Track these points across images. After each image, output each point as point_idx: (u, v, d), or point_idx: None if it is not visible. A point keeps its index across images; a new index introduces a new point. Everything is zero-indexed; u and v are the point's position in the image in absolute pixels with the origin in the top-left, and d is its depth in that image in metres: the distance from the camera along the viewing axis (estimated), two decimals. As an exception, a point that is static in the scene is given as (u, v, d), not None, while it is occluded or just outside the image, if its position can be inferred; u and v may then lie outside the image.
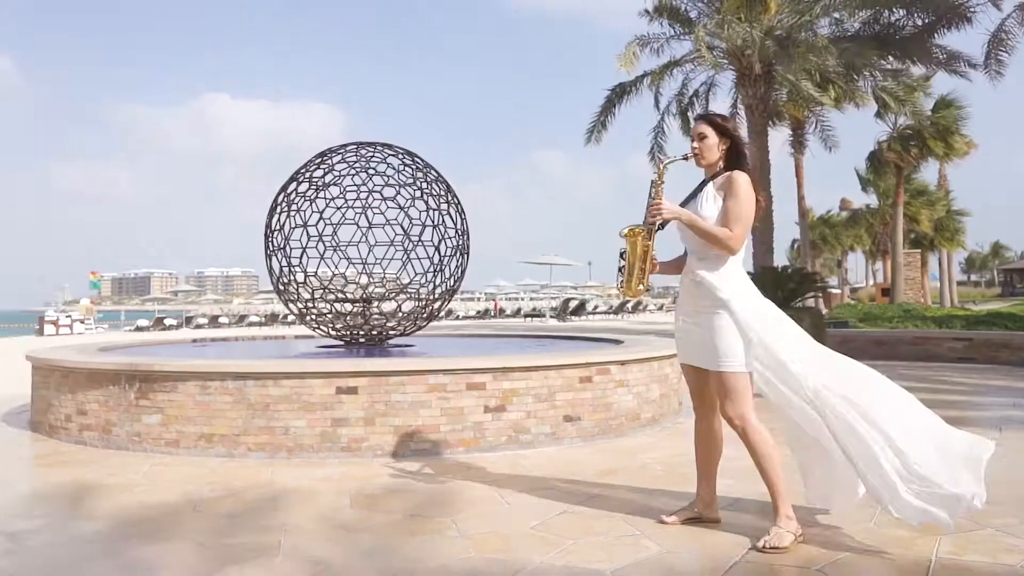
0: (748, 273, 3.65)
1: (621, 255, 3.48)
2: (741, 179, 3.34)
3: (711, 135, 3.46)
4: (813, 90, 15.66)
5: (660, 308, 45.97)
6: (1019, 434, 5.68)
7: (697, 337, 3.41)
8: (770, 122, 17.73)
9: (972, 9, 14.32)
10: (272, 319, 36.68)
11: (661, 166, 3.49)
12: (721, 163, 3.46)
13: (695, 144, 3.49)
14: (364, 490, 4.27)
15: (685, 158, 3.53)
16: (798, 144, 24.41)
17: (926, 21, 14.88)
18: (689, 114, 18.45)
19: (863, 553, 3.11)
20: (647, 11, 16.36)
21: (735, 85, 16.48)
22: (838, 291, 39.69)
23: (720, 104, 18.70)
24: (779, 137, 23.04)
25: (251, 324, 36.27)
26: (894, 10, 14.93)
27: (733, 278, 3.34)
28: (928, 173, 32.91)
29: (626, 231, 3.46)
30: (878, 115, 21.12)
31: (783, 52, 14.50)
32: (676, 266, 3.57)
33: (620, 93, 17.85)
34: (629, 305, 39.23)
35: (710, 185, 3.44)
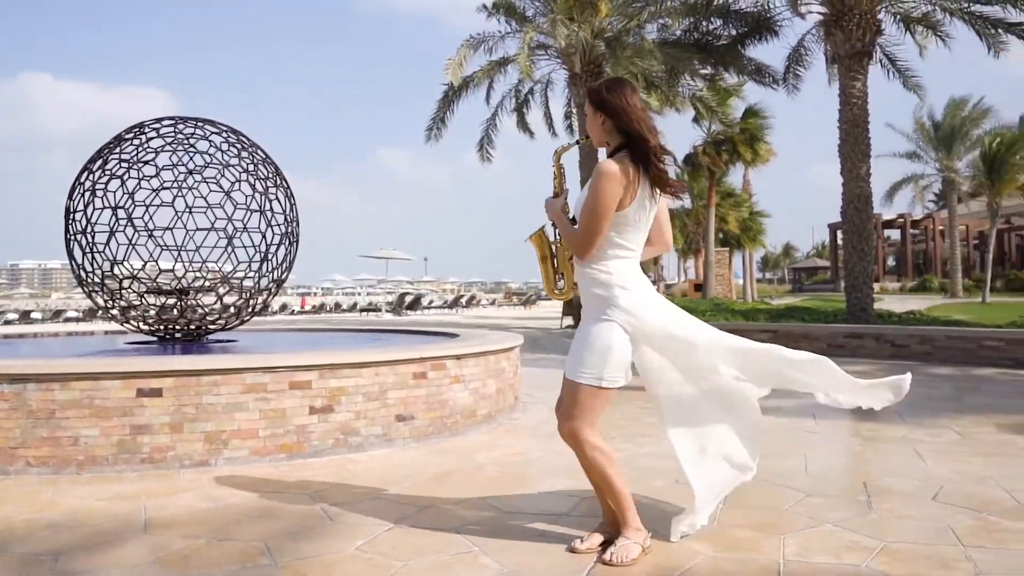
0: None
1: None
2: (599, 171, 2.76)
3: (589, 109, 2.93)
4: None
5: (493, 303, 46.10)
6: (833, 422, 5.79)
7: (574, 342, 2.95)
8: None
9: (779, 23, 15.14)
10: (91, 314, 33.31)
11: (555, 156, 3.06)
12: (618, 140, 2.87)
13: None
14: (165, 509, 3.58)
15: (577, 142, 3.13)
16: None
17: (739, 32, 15.55)
18: (524, 110, 18.40)
19: (712, 559, 2.85)
20: (485, 6, 16.09)
21: (568, 84, 16.53)
22: (654, 287, 41.30)
23: (555, 104, 18.80)
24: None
25: (68, 319, 32.74)
26: (712, 19, 15.48)
27: (614, 283, 2.84)
28: (734, 177, 35.03)
29: (530, 236, 3.09)
30: (695, 121, 22.04)
31: (611, 53, 14.65)
32: None
33: (458, 89, 17.48)
34: (463, 300, 39.05)
35: None
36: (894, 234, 51.55)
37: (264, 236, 6.81)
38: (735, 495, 3.63)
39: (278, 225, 6.90)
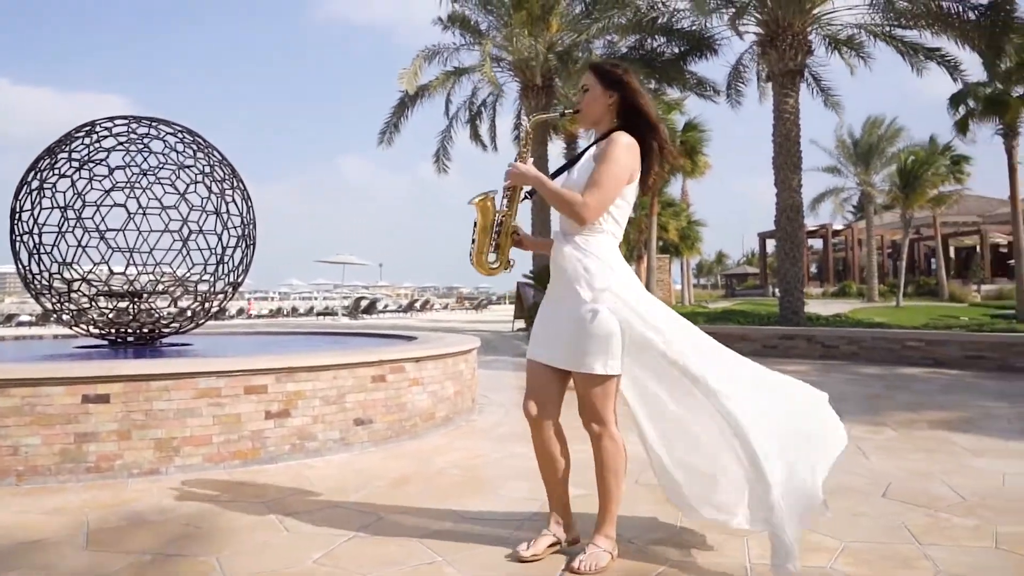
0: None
1: (474, 225, 2.75)
2: (620, 140, 2.58)
3: (595, 86, 2.70)
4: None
5: (446, 307, 45.66)
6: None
7: (559, 330, 2.65)
8: (548, 135, 17.88)
9: (718, 42, 15.29)
10: (44, 318, 31.74)
11: (528, 125, 2.85)
12: (614, 122, 2.69)
13: (578, 98, 2.80)
14: (109, 522, 3.24)
15: (561, 115, 2.91)
16: (569, 155, 24.88)
17: (682, 49, 15.63)
18: (478, 122, 18.20)
19: (679, 563, 2.67)
20: (440, 19, 15.85)
21: (519, 96, 16.39)
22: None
23: (505, 116, 18.73)
24: (554, 149, 23.27)
25: (20, 324, 31.15)
26: (656, 37, 15.53)
27: (606, 262, 2.61)
28: (672, 187, 35.30)
29: (476, 199, 2.73)
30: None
31: (562, 67, 14.58)
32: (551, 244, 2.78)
33: (413, 97, 17.19)
34: (418, 304, 38.57)
35: (592, 148, 2.72)
36: (816, 243, 52.76)
37: (220, 238, 6.43)
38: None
39: (234, 228, 6.52)
